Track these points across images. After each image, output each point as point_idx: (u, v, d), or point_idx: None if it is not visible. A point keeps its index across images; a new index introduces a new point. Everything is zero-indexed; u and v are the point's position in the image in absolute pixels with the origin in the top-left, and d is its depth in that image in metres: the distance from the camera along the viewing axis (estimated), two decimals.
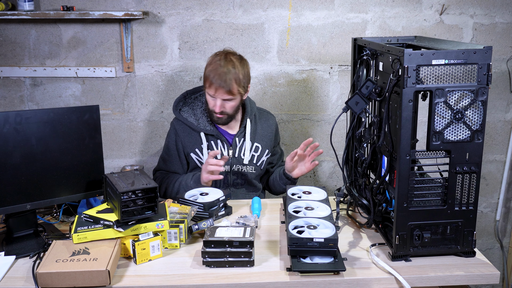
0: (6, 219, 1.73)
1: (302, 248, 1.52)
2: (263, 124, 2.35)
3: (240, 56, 2.19)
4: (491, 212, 2.99)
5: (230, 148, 2.25)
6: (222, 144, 2.25)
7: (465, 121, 1.48)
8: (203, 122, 2.25)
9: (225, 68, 2.10)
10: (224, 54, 2.16)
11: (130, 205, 1.63)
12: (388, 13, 2.63)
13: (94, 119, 1.82)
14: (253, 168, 2.29)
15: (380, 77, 1.75)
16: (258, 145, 2.30)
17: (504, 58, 2.72)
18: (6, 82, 2.65)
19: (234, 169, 2.27)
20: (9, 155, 1.66)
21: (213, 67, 2.11)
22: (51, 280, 1.45)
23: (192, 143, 2.25)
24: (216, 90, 2.10)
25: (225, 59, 2.12)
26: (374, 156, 1.81)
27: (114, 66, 2.64)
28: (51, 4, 2.55)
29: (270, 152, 2.37)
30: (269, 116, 2.40)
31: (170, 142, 2.29)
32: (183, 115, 2.27)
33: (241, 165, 2.27)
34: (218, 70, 2.09)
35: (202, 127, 2.24)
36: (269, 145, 2.35)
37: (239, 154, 2.26)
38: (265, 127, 2.34)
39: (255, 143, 2.30)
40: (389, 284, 1.51)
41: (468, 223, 1.56)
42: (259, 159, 2.31)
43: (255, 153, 2.30)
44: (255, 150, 2.30)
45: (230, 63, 2.11)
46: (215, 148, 2.24)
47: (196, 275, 1.52)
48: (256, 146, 2.30)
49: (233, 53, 2.19)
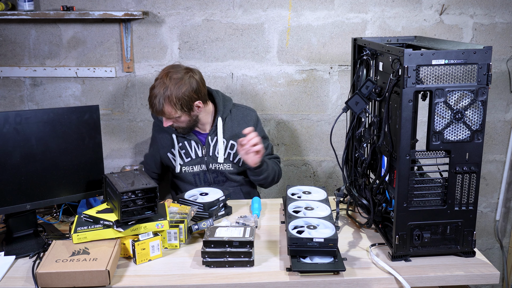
0: (6, 219, 1.73)
1: (302, 248, 1.52)
2: (240, 121, 2.31)
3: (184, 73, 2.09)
4: (491, 212, 2.99)
5: (203, 147, 2.27)
6: (196, 144, 2.27)
7: (465, 121, 1.48)
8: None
9: (156, 90, 2.06)
10: (163, 74, 2.09)
11: (130, 205, 1.63)
12: (388, 13, 2.63)
13: (94, 119, 1.82)
14: (230, 165, 2.29)
15: (380, 77, 1.75)
16: (234, 142, 2.28)
17: (504, 58, 2.72)
18: (6, 82, 2.65)
19: (211, 168, 2.28)
20: (9, 155, 1.66)
21: (151, 88, 2.10)
22: (51, 280, 1.45)
23: (167, 144, 2.30)
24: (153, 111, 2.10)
25: (160, 80, 2.07)
26: (374, 156, 1.81)
27: (114, 66, 2.64)
28: (51, 4, 2.55)
29: None
30: (247, 112, 2.35)
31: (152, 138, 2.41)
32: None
33: (217, 163, 2.28)
34: (150, 92, 2.09)
35: (174, 129, 2.25)
36: None
37: (213, 152, 2.27)
38: (241, 124, 2.30)
39: (231, 140, 2.28)
40: (389, 284, 1.51)
41: (468, 223, 1.56)
42: (235, 156, 2.29)
43: (231, 150, 2.29)
44: (231, 147, 2.29)
45: (162, 86, 2.05)
46: (188, 148, 2.27)
47: (196, 275, 1.52)
48: (231, 144, 2.28)
49: (175, 71, 2.09)
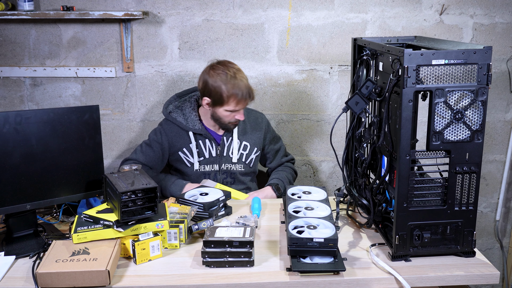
0: (6, 219, 1.73)
1: (302, 248, 1.52)
2: (252, 123, 2.39)
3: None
4: (491, 212, 2.99)
5: (218, 147, 2.29)
6: (210, 143, 2.30)
7: (465, 121, 1.48)
8: (191, 122, 2.29)
9: (243, 80, 2.17)
10: (227, 67, 2.18)
11: (130, 205, 1.63)
12: (388, 13, 2.63)
13: (94, 119, 1.82)
14: (242, 166, 2.35)
15: (380, 77, 1.75)
16: (247, 143, 2.35)
17: (504, 58, 2.72)
18: (6, 82, 2.65)
19: (223, 168, 2.32)
20: (9, 155, 1.66)
21: (234, 84, 2.15)
22: (51, 280, 1.45)
23: (180, 142, 2.30)
24: (244, 102, 2.19)
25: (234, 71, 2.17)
26: (374, 156, 1.81)
27: (114, 66, 2.64)
28: (51, 4, 2.55)
29: (260, 150, 2.41)
30: (257, 114, 2.45)
31: (155, 139, 2.33)
32: (172, 115, 2.31)
33: (230, 163, 2.32)
34: (241, 85, 2.15)
35: (191, 127, 2.28)
36: (258, 143, 2.40)
37: (227, 153, 2.31)
38: (254, 126, 2.39)
39: (244, 141, 2.35)
40: (389, 284, 1.51)
41: (468, 223, 1.56)
42: (247, 157, 2.36)
43: (243, 151, 2.35)
44: (243, 148, 2.35)
45: (239, 73, 2.18)
46: (202, 147, 2.28)
47: (196, 275, 1.52)
48: (244, 145, 2.35)
49: (230, 62, 2.24)
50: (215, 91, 2.15)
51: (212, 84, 2.15)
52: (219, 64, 2.20)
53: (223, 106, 2.18)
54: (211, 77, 2.16)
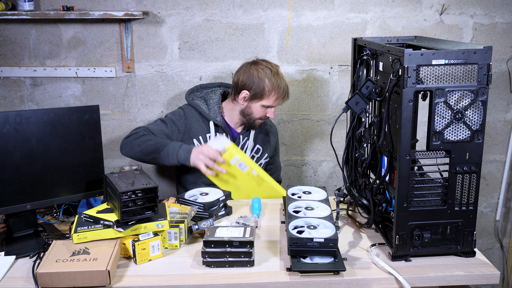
0: (6, 219, 1.73)
1: (302, 248, 1.52)
2: (268, 129, 2.45)
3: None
4: (491, 212, 2.99)
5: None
6: (226, 137, 2.30)
7: (465, 121, 1.48)
8: (214, 113, 2.32)
9: (283, 79, 2.26)
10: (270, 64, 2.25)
11: (130, 205, 1.63)
12: (388, 13, 2.63)
13: (94, 119, 1.82)
14: None
15: (380, 77, 1.75)
16: (260, 147, 2.39)
17: (504, 58, 2.72)
18: (6, 82, 2.65)
19: None
20: (9, 155, 1.66)
21: (277, 80, 2.21)
22: (51, 280, 1.45)
23: (198, 129, 2.30)
24: (282, 99, 2.26)
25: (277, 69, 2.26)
26: (374, 156, 1.81)
27: (114, 66, 2.64)
28: (51, 4, 2.55)
29: (269, 157, 2.45)
30: (272, 123, 2.52)
31: (173, 119, 2.31)
32: (196, 102, 2.33)
33: None
34: (281, 84, 2.22)
35: (213, 117, 2.31)
36: (269, 150, 2.44)
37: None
38: (268, 133, 2.45)
39: (257, 145, 2.39)
40: (389, 284, 1.51)
41: (468, 223, 1.56)
42: (258, 161, 2.39)
43: (256, 154, 2.38)
44: (256, 151, 2.38)
45: (280, 72, 2.27)
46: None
47: (196, 275, 1.52)
48: (258, 148, 2.38)
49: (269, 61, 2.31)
50: (258, 84, 2.20)
51: (258, 77, 2.20)
52: (260, 61, 2.27)
53: (262, 100, 2.22)
54: (256, 71, 2.22)
